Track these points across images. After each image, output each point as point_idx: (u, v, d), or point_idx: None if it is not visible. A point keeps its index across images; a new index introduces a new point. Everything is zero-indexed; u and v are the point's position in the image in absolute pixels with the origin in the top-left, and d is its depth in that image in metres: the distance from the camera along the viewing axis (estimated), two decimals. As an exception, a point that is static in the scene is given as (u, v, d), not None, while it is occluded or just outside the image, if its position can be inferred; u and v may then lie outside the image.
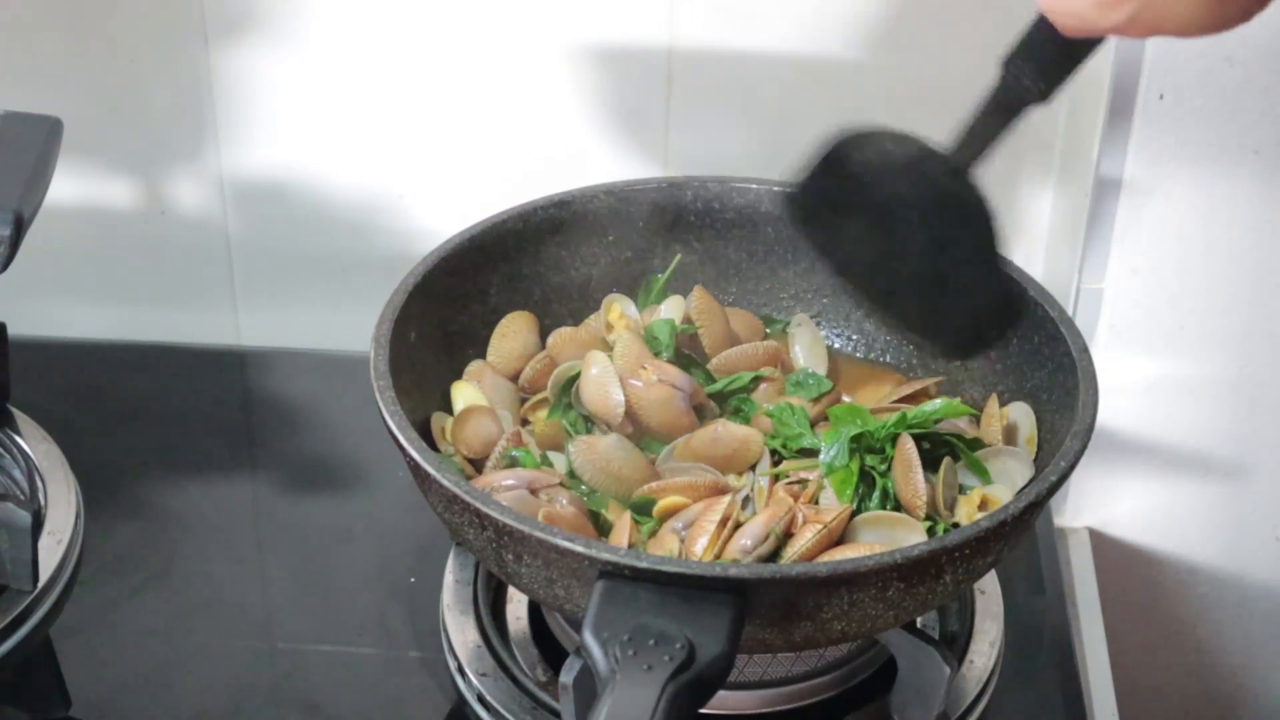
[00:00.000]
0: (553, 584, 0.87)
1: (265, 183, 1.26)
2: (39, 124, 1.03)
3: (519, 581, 0.89)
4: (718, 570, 0.83)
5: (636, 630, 0.79)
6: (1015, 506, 0.86)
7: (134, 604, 1.06)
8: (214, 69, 1.21)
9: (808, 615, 0.85)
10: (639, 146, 1.21)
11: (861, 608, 0.85)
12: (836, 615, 0.85)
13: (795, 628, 0.86)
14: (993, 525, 0.85)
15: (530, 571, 0.87)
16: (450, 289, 1.04)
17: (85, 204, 1.27)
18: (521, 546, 0.86)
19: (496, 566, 0.90)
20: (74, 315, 1.32)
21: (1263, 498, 1.23)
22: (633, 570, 0.82)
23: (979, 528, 0.85)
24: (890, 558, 0.83)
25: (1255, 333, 1.16)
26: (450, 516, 0.90)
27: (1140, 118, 1.08)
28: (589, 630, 0.80)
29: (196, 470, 1.18)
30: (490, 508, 0.86)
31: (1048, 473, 0.89)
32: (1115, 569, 1.25)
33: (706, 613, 0.80)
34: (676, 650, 0.78)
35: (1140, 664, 1.30)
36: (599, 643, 0.80)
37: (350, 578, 1.09)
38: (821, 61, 1.17)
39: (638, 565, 0.82)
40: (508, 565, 0.88)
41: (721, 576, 0.82)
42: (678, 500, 0.95)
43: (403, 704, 1.00)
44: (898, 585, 0.85)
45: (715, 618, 0.80)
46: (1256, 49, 1.05)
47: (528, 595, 0.97)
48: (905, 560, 0.83)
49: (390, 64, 1.20)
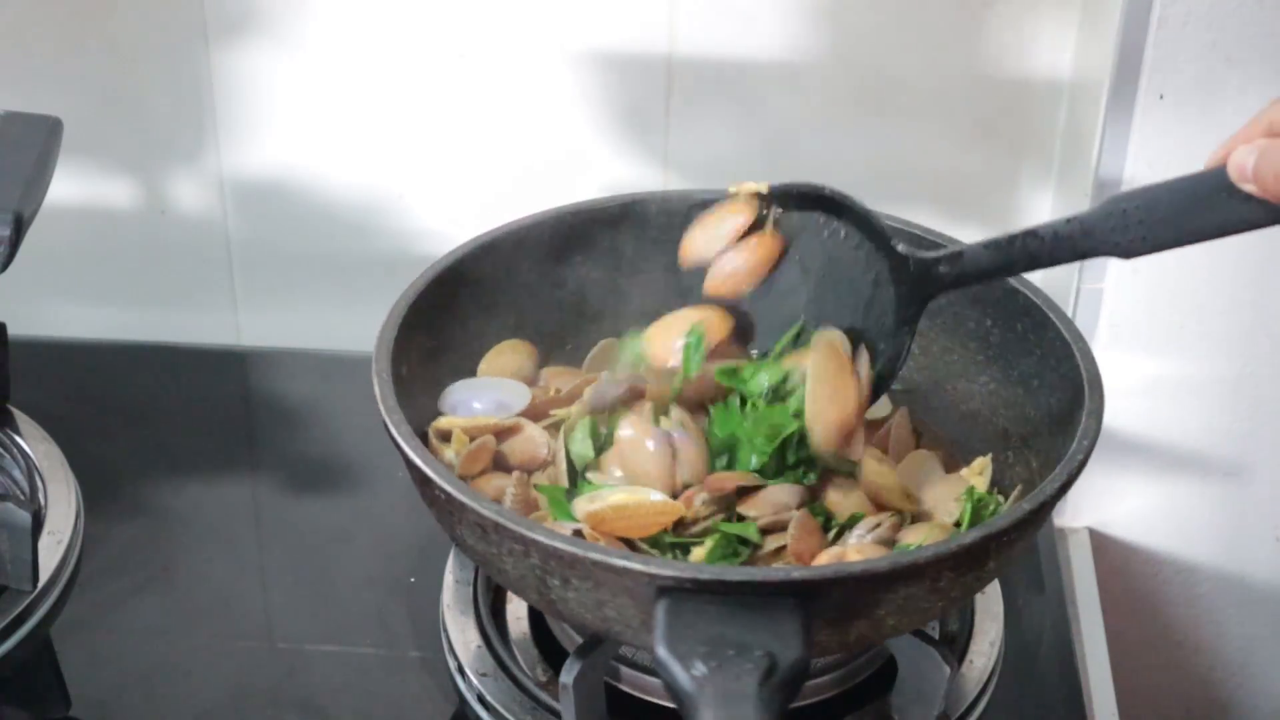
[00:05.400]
0: (603, 606, 0.84)
1: (265, 183, 1.26)
2: (39, 124, 1.03)
3: (563, 608, 0.86)
4: (781, 574, 0.81)
5: (713, 643, 0.77)
6: (1051, 487, 0.86)
7: (134, 604, 1.06)
8: (214, 69, 1.21)
9: (865, 613, 0.84)
10: (639, 147, 1.21)
11: (915, 601, 0.84)
12: (892, 610, 0.84)
13: (852, 626, 0.85)
14: (1035, 507, 0.85)
15: (578, 596, 0.85)
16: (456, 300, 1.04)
17: (85, 204, 1.27)
18: (571, 570, 0.83)
19: (537, 594, 0.87)
20: (74, 315, 1.32)
21: (1263, 498, 1.23)
22: (695, 583, 0.80)
23: (1023, 510, 0.85)
24: (946, 547, 0.82)
25: (1255, 333, 1.16)
26: (485, 547, 0.87)
27: (1140, 118, 1.08)
28: (664, 648, 0.78)
29: (196, 470, 1.18)
30: (539, 534, 0.83)
31: (1074, 451, 0.89)
32: (1115, 569, 1.25)
33: (776, 618, 0.79)
34: (758, 658, 0.76)
35: (1140, 664, 1.30)
36: (677, 659, 0.77)
37: (350, 578, 1.09)
38: (820, 65, 1.17)
39: (701, 578, 0.80)
40: (551, 592, 0.85)
41: (786, 580, 0.80)
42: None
43: (403, 704, 1.00)
44: (949, 575, 0.84)
45: (786, 622, 0.79)
46: (1256, 49, 1.05)
47: (567, 621, 0.94)
48: (960, 548, 0.82)
49: (390, 64, 1.20)
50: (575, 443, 0.99)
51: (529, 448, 1.00)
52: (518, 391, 1.04)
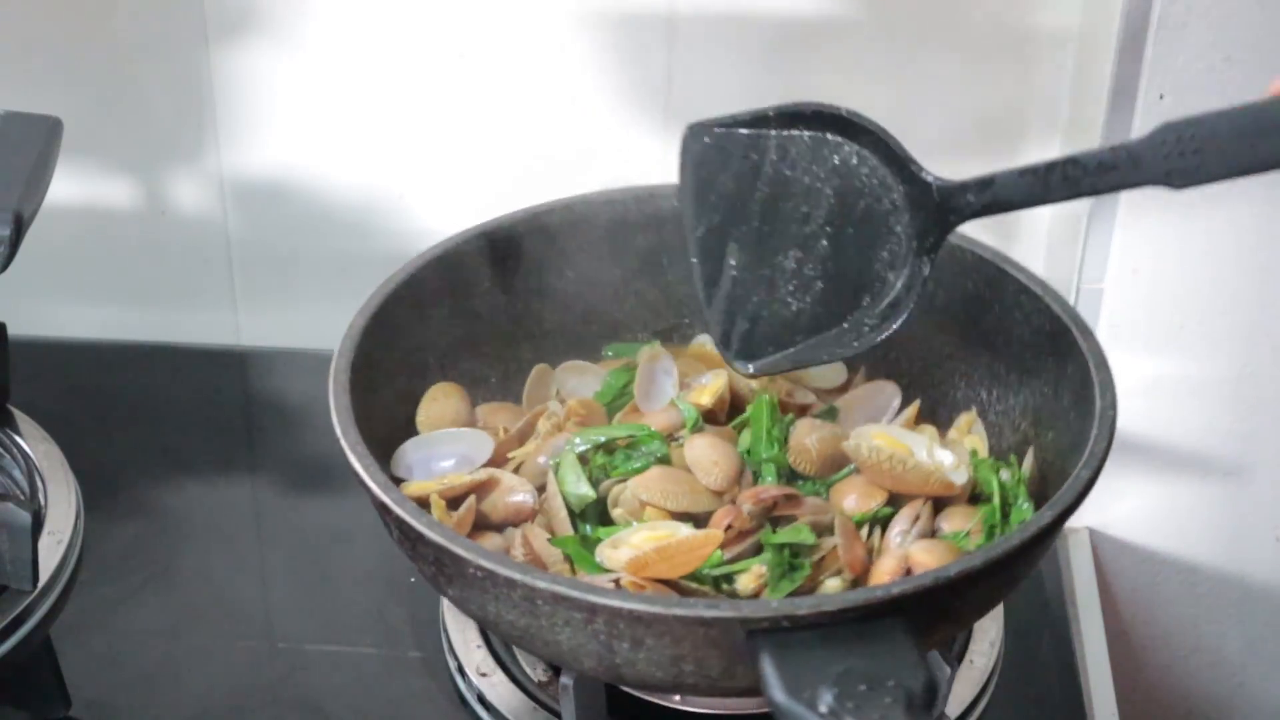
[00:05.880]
0: (679, 661, 0.79)
1: (265, 183, 1.26)
2: (39, 124, 1.03)
3: (628, 670, 0.80)
4: (881, 593, 0.77)
5: (840, 681, 0.72)
6: (1087, 472, 0.85)
7: (134, 604, 1.06)
8: (214, 69, 1.21)
9: (954, 615, 0.82)
10: (639, 147, 1.21)
11: (988, 593, 0.82)
12: (970, 608, 0.82)
13: (938, 630, 0.83)
14: (1091, 475, 0.84)
15: (650, 655, 0.79)
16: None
17: (85, 204, 1.27)
18: (647, 630, 0.78)
19: (596, 661, 0.81)
20: (74, 315, 1.32)
21: (1263, 498, 1.23)
22: (793, 619, 0.75)
23: (1083, 480, 0.83)
24: (1032, 529, 0.81)
25: (1255, 333, 1.16)
26: (530, 620, 0.81)
27: (1140, 118, 1.08)
28: (784, 695, 0.72)
29: (196, 470, 1.18)
30: (611, 598, 0.77)
31: (1098, 436, 0.88)
32: (1115, 569, 1.25)
33: (888, 640, 0.75)
34: (892, 689, 0.72)
35: (1140, 664, 1.30)
36: (805, 705, 0.72)
37: (350, 578, 1.09)
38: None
39: (799, 613, 0.75)
40: (617, 656, 0.80)
41: (889, 598, 0.76)
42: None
43: (403, 704, 1.00)
44: (1023, 560, 0.82)
45: (900, 642, 0.75)
46: (1256, 49, 1.05)
47: (628, 682, 0.88)
48: (1041, 529, 0.81)
49: (390, 64, 1.20)
50: (569, 484, 0.95)
51: (512, 501, 0.96)
52: (477, 441, 1.00)
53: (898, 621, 0.76)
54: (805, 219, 0.92)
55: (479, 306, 1.06)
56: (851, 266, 0.91)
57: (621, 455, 0.98)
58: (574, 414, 1.02)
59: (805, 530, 0.91)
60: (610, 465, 0.97)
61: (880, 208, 0.90)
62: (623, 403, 1.05)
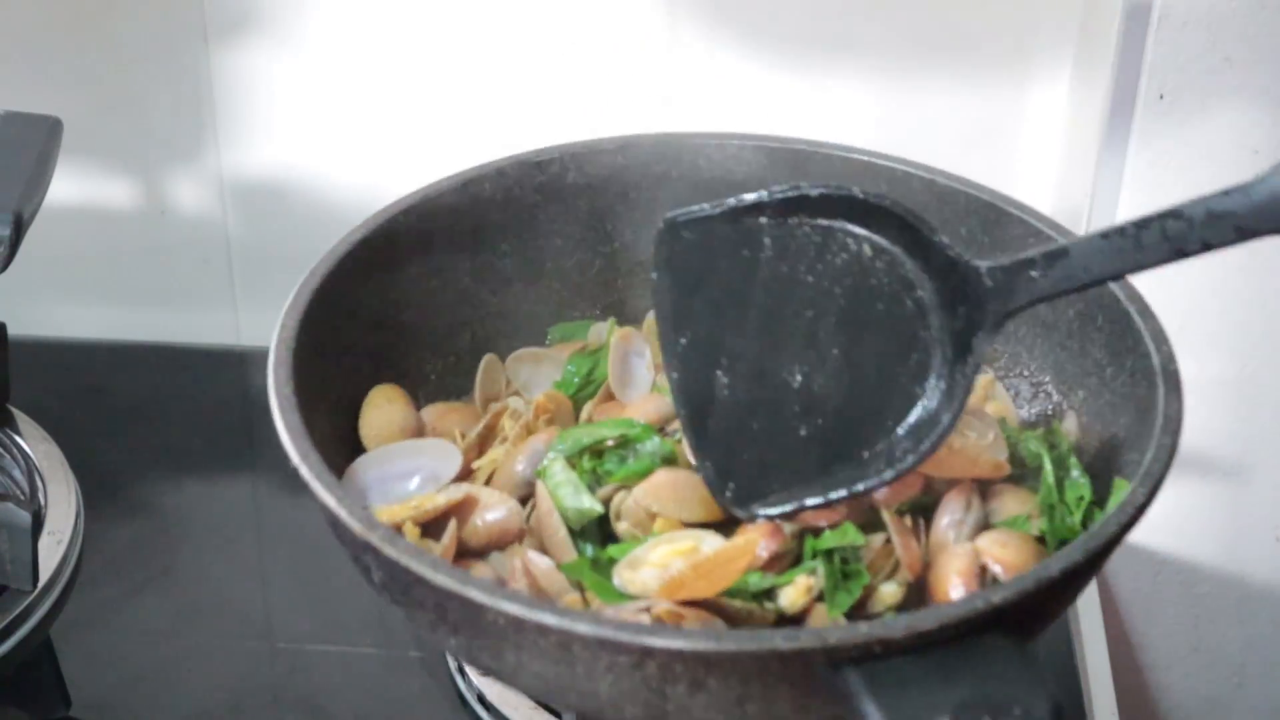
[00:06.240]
0: (745, 702, 0.68)
1: (265, 183, 1.26)
2: (39, 124, 1.03)
3: (681, 718, 0.68)
4: (981, 603, 0.67)
5: (957, 710, 0.63)
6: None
7: (134, 604, 1.06)
8: (214, 69, 1.21)
9: (1048, 617, 0.74)
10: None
11: (1078, 589, 0.75)
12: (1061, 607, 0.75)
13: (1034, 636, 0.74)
14: (1148, 493, 0.75)
15: (710, 699, 0.67)
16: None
17: (85, 204, 1.27)
18: (711, 671, 0.66)
19: (643, 709, 0.69)
20: (74, 315, 1.32)
21: (1263, 498, 1.23)
22: (885, 643, 0.65)
23: (1146, 492, 0.75)
24: (1125, 515, 0.73)
25: (1255, 333, 1.16)
26: (562, 670, 0.69)
27: (1140, 118, 1.08)
28: None
29: (196, 470, 1.18)
30: (669, 638, 0.66)
31: (1157, 450, 0.79)
32: (1115, 569, 1.25)
33: (992, 657, 0.66)
34: (1018, 715, 0.62)
35: (1140, 664, 1.30)
36: None
37: (350, 578, 1.08)
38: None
39: (891, 636, 0.65)
40: (669, 702, 0.68)
41: (989, 609, 0.66)
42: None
43: (403, 704, 1.00)
44: (1109, 555, 0.74)
45: (1011, 657, 0.66)
46: (1256, 49, 1.05)
47: None
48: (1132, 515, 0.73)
49: (390, 64, 1.20)
50: (566, 498, 0.83)
51: (494, 520, 0.83)
52: (440, 451, 0.87)
53: (1001, 633, 0.66)
54: (812, 327, 0.78)
55: (410, 292, 0.95)
56: (870, 381, 0.78)
57: (613, 457, 0.86)
58: (543, 411, 0.90)
59: (853, 530, 0.79)
60: (602, 470, 0.85)
61: (903, 310, 0.77)
62: (589, 393, 0.93)
